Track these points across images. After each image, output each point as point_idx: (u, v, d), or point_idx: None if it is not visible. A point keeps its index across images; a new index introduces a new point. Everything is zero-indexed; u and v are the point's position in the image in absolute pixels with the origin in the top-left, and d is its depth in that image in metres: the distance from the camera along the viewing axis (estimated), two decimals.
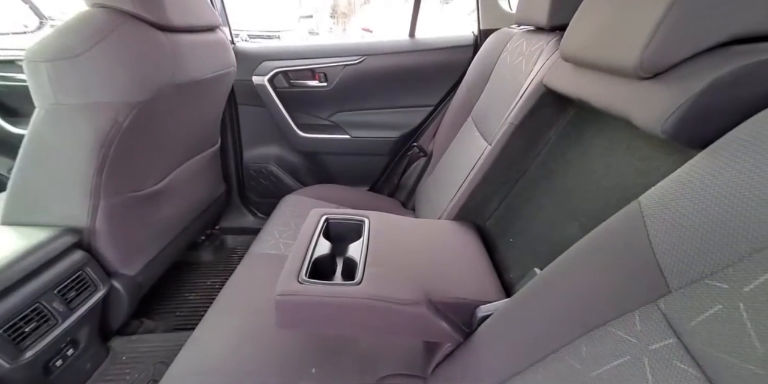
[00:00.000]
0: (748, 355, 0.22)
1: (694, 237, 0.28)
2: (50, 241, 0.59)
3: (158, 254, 0.87)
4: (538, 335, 0.41)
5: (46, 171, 0.59)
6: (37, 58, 0.51)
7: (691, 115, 0.32)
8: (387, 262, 0.56)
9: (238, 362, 0.57)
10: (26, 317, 0.54)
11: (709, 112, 0.31)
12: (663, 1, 0.32)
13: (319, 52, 1.19)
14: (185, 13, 0.68)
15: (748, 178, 0.26)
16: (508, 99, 0.70)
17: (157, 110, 0.67)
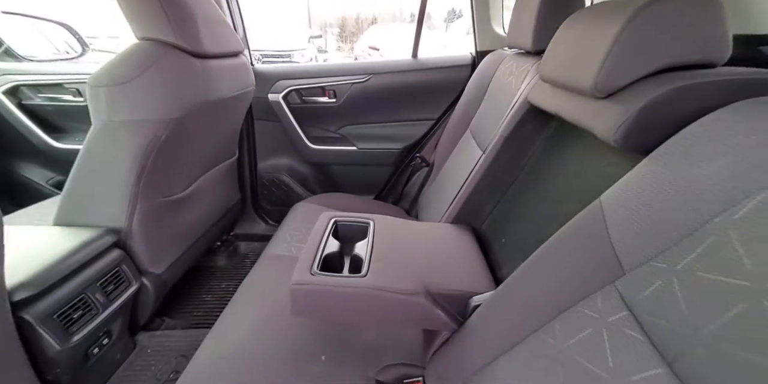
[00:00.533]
0: (678, 319, 0.28)
1: (641, 227, 0.35)
2: (95, 240, 0.67)
3: (181, 256, 0.95)
4: (520, 319, 0.47)
5: (95, 178, 0.68)
6: (97, 84, 0.61)
7: (634, 128, 0.39)
8: (390, 258, 0.63)
9: (255, 348, 0.63)
10: (74, 305, 0.61)
11: (648, 125, 0.38)
12: (609, 37, 0.40)
13: (330, 71, 1.29)
14: (216, 42, 0.79)
15: (677, 179, 0.33)
16: (499, 113, 0.78)
17: (188, 125, 0.76)
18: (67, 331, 0.59)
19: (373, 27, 6.98)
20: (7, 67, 1.11)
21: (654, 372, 0.30)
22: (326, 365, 0.63)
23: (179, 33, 0.69)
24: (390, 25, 7.11)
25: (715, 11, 0.37)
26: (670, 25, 0.38)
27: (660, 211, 0.34)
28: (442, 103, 1.27)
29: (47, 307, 0.57)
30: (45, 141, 1.16)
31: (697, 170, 0.32)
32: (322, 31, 8.23)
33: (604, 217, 0.39)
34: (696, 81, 0.36)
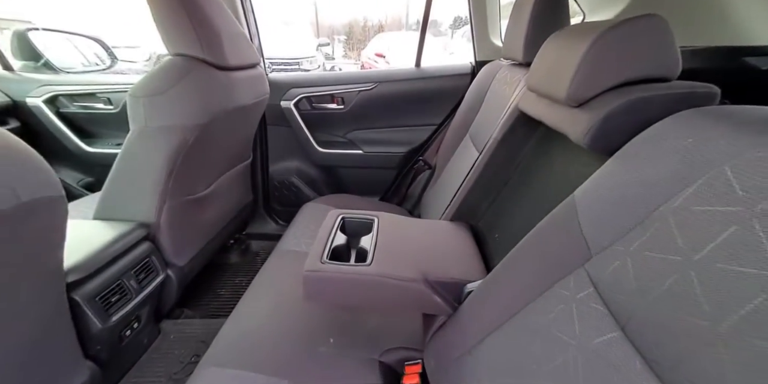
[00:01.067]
0: (629, 290, 0.35)
1: (605, 217, 0.41)
2: (130, 233, 0.76)
3: (200, 251, 1.03)
4: (507, 301, 0.54)
5: (131, 177, 0.77)
6: (137, 95, 0.70)
7: (600, 133, 0.45)
8: (393, 250, 0.69)
9: (270, 332, 0.70)
10: (113, 290, 0.69)
11: (610, 131, 0.45)
12: (578, 55, 0.47)
13: (338, 80, 1.38)
14: (237, 56, 0.88)
15: (632, 176, 0.40)
16: (494, 119, 0.85)
17: (211, 130, 0.85)
18: (107, 313, 0.67)
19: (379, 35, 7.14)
20: (47, 78, 1.22)
21: (611, 335, 0.36)
22: (334, 347, 0.70)
23: (207, 49, 0.78)
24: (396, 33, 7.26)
25: (665, 35, 0.43)
26: (628, 47, 0.44)
27: (619, 203, 0.40)
28: (443, 109, 1.34)
29: (92, 290, 0.64)
30: (78, 145, 1.26)
31: (646, 168, 0.39)
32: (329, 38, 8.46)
33: (577, 210, 0.46)
34: (648, 94, 0.43)
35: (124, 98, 1.29)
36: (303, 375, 0.62)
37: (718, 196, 0.31)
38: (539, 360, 0.44)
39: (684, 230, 0.32)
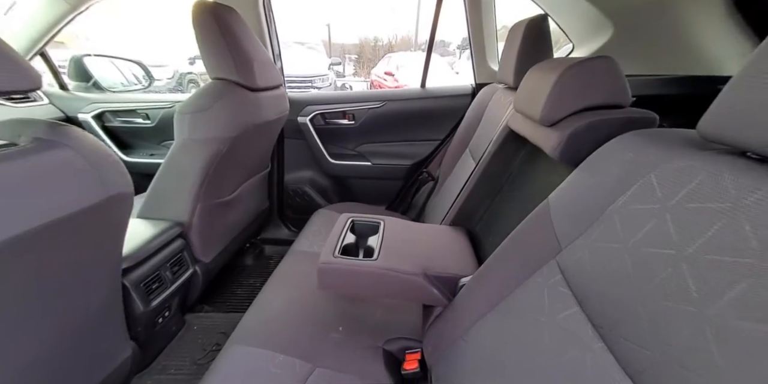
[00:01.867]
0: (586, 274, 0.44)
1: (571, 217, 0.51)
2: (168, 230, 0.87)
3: (222, 250, 1.13)
4: (493, 291, 0.62)
5: (172, 182, 0.89)
6: (183, 111, 0.83)
7: (566, 148, 0.56)
8: (396, 248, 0.79)
9: (287, 320, 0.79)
10: (153, 279, 0.80)
11: (575, 147, 0.55)
12: (549, 85, 0.58)
13: (350, 98, 1.52)
14: (264, 79, 1.01)
15: (589, 183, 0.50)
16: (489, 135, 0.96)
17: (240, 142, 0.97)
18: (148, 298, 0.77)
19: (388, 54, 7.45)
20: (96, 97, 1.39)
21: (572, 310, 0.45)
22: (343, 335, 0.78)
23: (241, 74, 0.92)
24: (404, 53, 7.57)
25: (616, 73, 0.54)
26: (587, 80, 0.55)
27: (582, 205, 0.50)
28: (446, 125, 1.46)
29: (138, 277, 0.75)
30: (119, 156, 1.41)
31: (601, 177, 0.49)
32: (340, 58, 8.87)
33: (550, 210, 0.56)
34: (604, 117, 0.53)
35: (159, 114, 1.45)
36: (315, 356, 0.71)
37: (646, 196, 0.41)
38: (518, 337, 0.52)
39: (623, 224, 0.42)
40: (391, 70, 6.27)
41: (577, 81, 0.55)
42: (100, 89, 1.43)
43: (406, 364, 0.75)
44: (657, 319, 0.34)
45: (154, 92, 1.71)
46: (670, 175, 0.39)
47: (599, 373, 0.38)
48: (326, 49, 7.35)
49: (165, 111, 1.42)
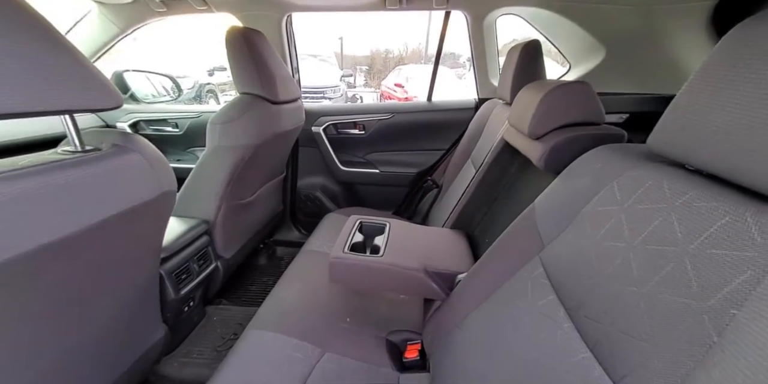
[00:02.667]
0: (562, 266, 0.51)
1: (552, 218, 0.59)
2: (196, 226, 0.97)
3: (240, 248, 1.23)
4: (485, 285, 0.70)
5: (202, 183, 0.99)
6: (215, 122, 0.95)
7: (549, 159, 0.64)
8: (400, 247, 0.87)
9: (300, 310, 0.87)
10: (182, 270, 0.89)
11: (556, 158, 0.63)
12: (535, 104, 0.67)
13: (361, 110, 1.63)
14: (285, 93, 1.13)
15: (567, 189, 0.58)
16: (488, 147, 1.05)
17: (262, 149, 1.08)
18: (178, 287, 0.87)
19: (399, 66, 7.66)
20: (132, 107, 1.54)
21: (549, 298, 0.53)
22: (350, 325, 0.86)
23: (266, 89, 1.03)
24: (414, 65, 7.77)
25: (592, 95, 0.63)
26: (567, 100, 0.64)
27: (561, 207, 0.58)
28: (450, 137, 1.56)
29: (171, 267, 0.85)
30: None
31: (576, 184, 0.57)
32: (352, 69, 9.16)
33: (535, 214, 0.64)
34: (581, 133, 0.62)
35: (187, 123, 1.59)
36: (325, 343, 0.78)
37: (609, 200, 0.49)
38: (504, 323, 0.60)
39: (591, 224, 0.50)
40: (400, 82, 6.46)
41: (559, 101, 0.64)
42: (135, 100, 1.57)
43: (407, 353, 0.82)
44: (609, 299, 0.42)
45: (181, 103, 1.86)
46: (627, 182, 0.48)
47: (566, 346, 0.46)
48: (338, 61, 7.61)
49: (192, 120, 1.56)
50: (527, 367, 0.49)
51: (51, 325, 0.50)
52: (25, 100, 0.37)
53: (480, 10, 1.23)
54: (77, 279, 0.51)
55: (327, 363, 0.75)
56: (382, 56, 13.06)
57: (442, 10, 1.28)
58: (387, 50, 13.13)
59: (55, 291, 0.47)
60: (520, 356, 0.54)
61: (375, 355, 0.80)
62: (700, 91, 0.39)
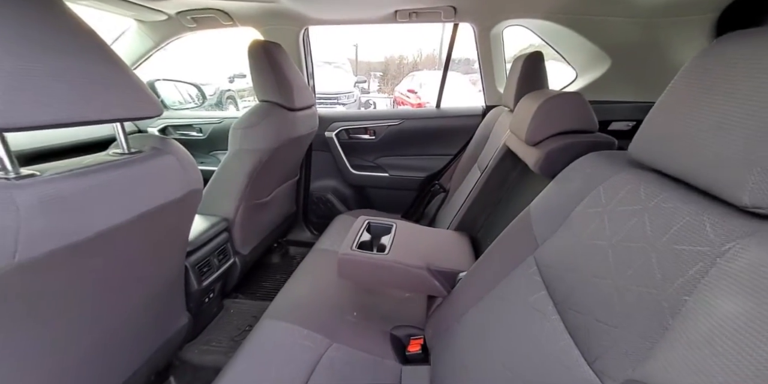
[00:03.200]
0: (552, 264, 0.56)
1: (546, 219, 0.63)
2: (217, 224, 1.05)
3: (256, 246, 1.31)
4: (484, 282, 0.74)
5: (223, 184, 1.08)
6: (237, 127, 1.03)
7: (545, 164, 0.69)
8: (405, 245, 0.92)
9: (312, 301, 0.93)
10: (204, 263, 0.97)
11: (551, 163, 0.68)
12: (532, 113, 0.71)
13: (372, 116, 1.70)
14: (301, 101, 1.21)
15: (560, 191, 0.62)
16: (493, 152, 1.09)
17: (278, 153, 1.16)
18: (201, 279, 0.95)
19: (412, 73, 7.75)
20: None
21: (540, 293, 0.57)
22: (357, 319, 0.91)
23: (283, 97, 1.11)
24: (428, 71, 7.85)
25: (585, 105, 0.67)
26: (562, 110, 0.69)
27: (554, 209, 0.63)
28: (458, 142, 1.60)
29: (195, 260, 0.92)
30: None
31: (567, 187, 0.62)
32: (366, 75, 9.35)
33: (531, 216, 0.68)
34: (575, 140, 0.66)
35: (210, 128, 1.69)
36: (333, 334, 0.84)
37: (595, 202, 0.54)
38: (499, 318, 0.64)
39: (580, 224, 0.55)
40: (414, 88, 6.54)
41: (554, 110, 0.69)
42: (164, 107, 1.70)
43: (410, 347, 0.86)
44: (590, 292, 0.47)
45: (204, 109, 1.98)
46: (610, 186, 0.52)
47: (551, 335, 0.50)
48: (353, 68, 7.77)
49: (214, 126, 1.66)
50: (518, 356, 0.53)
51: (92, 308, 0.57)
52: (91, 110, 0.45)
53: (487, 23, 1.29)
54: (118, 266, 0.58)
55: (334, 352, 0.80)
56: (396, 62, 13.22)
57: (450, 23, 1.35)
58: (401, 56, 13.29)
59: (98, 276, 0.55)
60: (512, 347, 0.58)
61: (380, 347, 0.85)
62: (671, 106, 0.43)
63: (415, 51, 13.12)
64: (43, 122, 0.40)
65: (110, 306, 0.61)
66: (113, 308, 0.62)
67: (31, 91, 0.39)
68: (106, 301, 0.60)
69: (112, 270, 0.57)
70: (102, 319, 0.61)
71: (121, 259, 0.59)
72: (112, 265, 0.57)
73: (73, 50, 0.45)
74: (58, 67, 0.42)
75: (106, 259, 0.54)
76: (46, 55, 0.41)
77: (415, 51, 13.12)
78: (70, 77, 0.44)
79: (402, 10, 1.22)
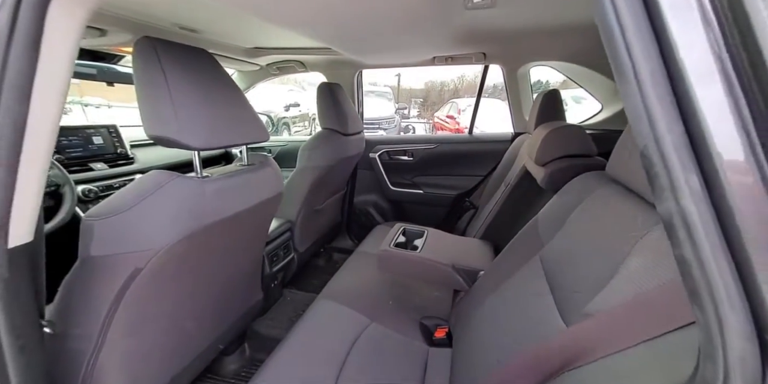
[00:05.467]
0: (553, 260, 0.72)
1: (548, 224, 0.80)
2: (284, 224, 1.32)
3: (309, 246, 1.56)
4: (498, 278, 0.90)
5: (290, 193, 1.36)
6: (304, 148, 1.33)
7: (550, 180, 0.86)
8: (435, 247, 1.11)
9: (356, 288, 1.13)
10: (274, 254, 1.23)
11: (555, 180, 0.85)
12: (539, 140, 0.90)
13: (411, 140, 1.94)
14: (353, 128, 1.49)
15: (561, 203, 0.79)
16: (515, 172, 1.26)
17: (332, 170, 1.43)
18: (271, 265, 1.20)
19: (453, 100, 8.09)
20: None
21: (542, 282, 0.73)
22: (392, 307, 1.09)
23: (341, 125, 1.40)
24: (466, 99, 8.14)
25: (584, 134, 0.84)
26: (563, 138, 0.86)
27: (555, 217, 0.79)
28: (488, 164, 1.78)
29: (268, 250, 1.19)
30: None
31: (565, 199, 0.78)
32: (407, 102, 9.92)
33: (538, 223, 0.85)
34: (573, 162, 0.83)
35: (277, 149, 2.05)
36: (373, 315, 1.02)
37: (583, 211, 0.70)
38: (507, 303, 0.80)
39: (570, 229, 0.71)
40: (453, 114, 6.83)
41: (557, 138, 0.87)
42: None
43: (436, 333, 1.02)
44: (574, 276, 0.62)
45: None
46: (592, 199, 0.69)
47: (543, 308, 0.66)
48: (394, 95, 8.31)
49: (281, 147, 2.02)
50: (519, 332, 0.69)
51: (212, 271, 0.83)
52: (236, 138, 0.72)
53: (512, 65, 1.50)
54: (236, 240, 0.84)
55: (373, 331, 0.99)
56: (437, 89, 13.76)
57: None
58: (443, 83, 13.82)
59: (225, 245, 0.81)
60: (515, 326, 0.73)
61: (411, 331, 1.01)
62: (628, 136, 0.61)
63: (456, 78, 13.55)
64: (217, 145, 0.67)
65: (223, 271, 0.87)
66: (224, 273, 0.88)
67: (213, 127, 0.67)
68: (223, 266, 0.86)
69: (232, 242, 0.84)
70: (215, 282, 0.86)
71: (238, 236, 0.85)
72: (234, 238, 0.83)
73: (228, 99, 0.74)
74: (222, 112, 0.71)
75: (232, 233, 0.80)
76: (217, 106, 0.70)
77: (456, 78, 13.55)
78: (227, 117, 0.72)
79: (439, 56, 1.48)
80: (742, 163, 0.23)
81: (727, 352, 0.24)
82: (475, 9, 0.89)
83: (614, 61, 0.27)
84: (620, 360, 0.38)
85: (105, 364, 0.61)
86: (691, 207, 0.25)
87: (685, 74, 0.24)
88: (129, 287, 0.58)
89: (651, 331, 0.35)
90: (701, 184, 0.24)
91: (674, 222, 0.26)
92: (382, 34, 1.04)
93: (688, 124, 0.24)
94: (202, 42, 1.19)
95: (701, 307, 0.25)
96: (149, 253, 0.58)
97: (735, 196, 0.23)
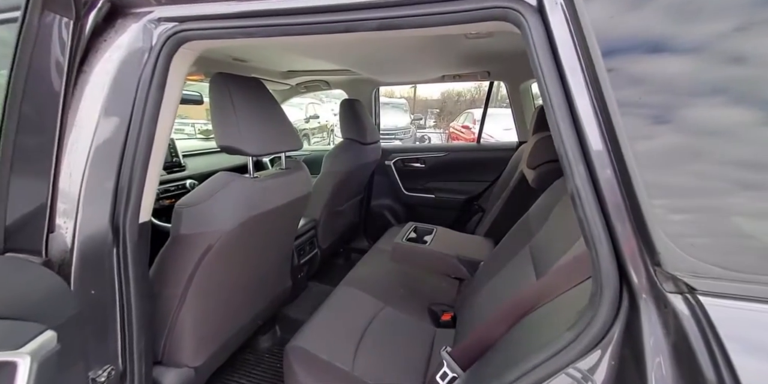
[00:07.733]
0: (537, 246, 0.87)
1: (537, 218, 0.95)
2: (309, 222, 1.51)
3: (330, 244, 1.73)
4: (495, 266, 1.04)
5: (315, 195, 1.55)
6: (328, 156, 1.52)
7: (538, 181, 1.00)
8: (443, 241, 1.26)
9: (372, 277, 1.29)
10: (300, 248, 1.41)
11: (542, 181, 0.99)
12: (531, 145, 1.05)
13: (423, 149, 2.12)
14: (370, 138, 1.68)
15: (547, 199, 0.94)
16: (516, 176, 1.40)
17: (351, 175, 1.61)
18: (299, 257, 1.38)
19: (468, 110, 8.24)
20: None
21: (528, 264, 0.88)
22: (403, 295, 1.24)
23: (361, 135, 1.60)
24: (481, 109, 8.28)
25: None
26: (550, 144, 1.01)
27: (542, 211, 0.94)
28: (495, 171, 1.91)
29: (296, 244, 1.37)
30: None
31: (549, 197, 0.93)
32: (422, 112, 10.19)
33: (529, 218, 0.99)
34: (558, 166, 0.97)
35: (302, 158, 2.27)
36: (387, 300, 1.18)
37: (561, 206, 0.85)
38: (500, 285, 0.94)
39: (552, 221, 0.86)
40: (468, 124, 6.98)
41: (546, 145, 1.01)
42: None
43: (443, 317, 1.16)
44: (549, 253, 0.77)
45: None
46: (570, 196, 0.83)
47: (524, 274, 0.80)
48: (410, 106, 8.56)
49: (305, 156, 2.24)
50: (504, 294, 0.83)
51: (256, 256, 1.02)
52: (280, 146, 0.92)
53: (515, 82, 1.67)
54: (275, 230, 1.03)
55: (386, 314, 1.14)
56: (453, 100, 13.94)
57: None
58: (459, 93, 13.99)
59: (266, 234, 1.00)
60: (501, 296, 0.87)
61: (420, 314, 1.16)
62: None
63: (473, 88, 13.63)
64: (267, 152, 0.87)
65: (263, 256, 1.06)
66: (264, 258, 1.06)
67: (264, 139, 0.86)
68: (263, 252, 1.05)
69: (270, 232, 1.02)
70: (257, 264, 1.05)
71: (276, 226, 1.04)
72: (272, 228, 1.01)
73: (273, 116, 0.94)
74: (269, 127, 0.90)
75: (273, 224, 0.99)
76: (266, 123, 0.89)
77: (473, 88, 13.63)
78: (273, 131, 0.92)
79: (448, 75, 1.66)
80: (602, 152, 0.39)
81: (600, 272, 0.39)
82: (475, 38, 1.07)
83: (543, 100, 0.44)
84: (560, 299, 0.52)
85: (184, 320, 0.80)
86: (581, 185, 0.40)
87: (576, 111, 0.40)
88: (203, 260, 0.77)
89: (579, 279, 0.50)
90: (585, 170, 0.40)
91: (573, 194, 0.41)
92: (396, 59, 1.23)
93: (581, 138, 0.41)
94: (249, 69, 1.43)
95: (589, 246, 0.40)
96: (219, 233, 0.77)
97: (600, 178, 0.39)
